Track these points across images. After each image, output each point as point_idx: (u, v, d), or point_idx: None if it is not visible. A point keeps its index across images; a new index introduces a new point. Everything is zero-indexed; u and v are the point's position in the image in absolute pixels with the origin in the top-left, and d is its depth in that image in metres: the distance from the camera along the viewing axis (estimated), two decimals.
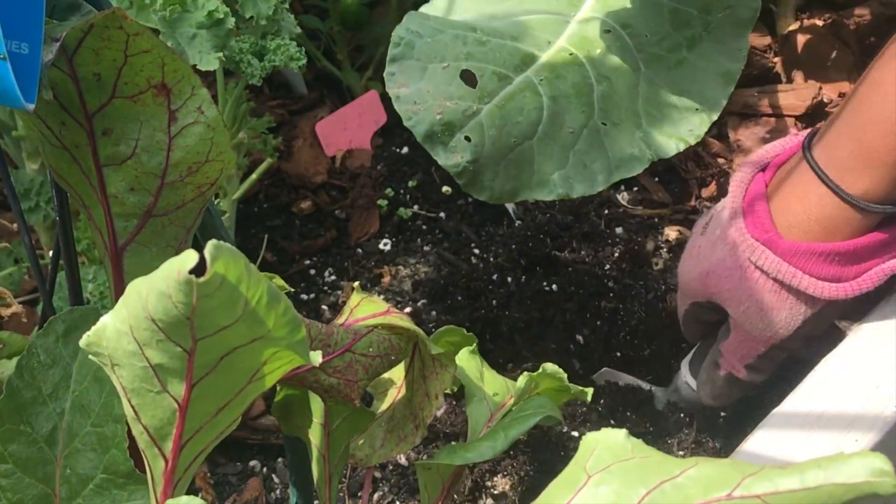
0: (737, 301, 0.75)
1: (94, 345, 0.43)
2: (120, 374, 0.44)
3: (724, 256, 0.75)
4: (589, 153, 0.75)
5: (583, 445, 0.44)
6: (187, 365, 0.42)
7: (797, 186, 0.71)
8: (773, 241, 0.71)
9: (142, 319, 0.40)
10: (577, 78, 0.76)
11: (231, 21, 0.81)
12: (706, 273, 0.77)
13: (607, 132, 0.76)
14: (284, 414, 0.68)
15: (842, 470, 0.37)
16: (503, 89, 0.74)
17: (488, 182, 0.72)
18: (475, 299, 1.02)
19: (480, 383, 0.74)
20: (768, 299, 0.73)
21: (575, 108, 0.75)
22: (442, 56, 0.75)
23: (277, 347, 0.42)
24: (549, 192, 0.74)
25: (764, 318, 0.74)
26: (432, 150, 0.71)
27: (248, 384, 0.45)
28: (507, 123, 0.73)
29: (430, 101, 0.72)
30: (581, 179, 0.74)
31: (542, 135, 0.74)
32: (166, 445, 0.46)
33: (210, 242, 0.36)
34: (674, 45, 0.81)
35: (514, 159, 0.73)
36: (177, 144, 0.51)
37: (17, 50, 0.44)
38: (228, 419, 0.47)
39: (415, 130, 0.71)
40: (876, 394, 0.74)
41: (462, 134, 0.71)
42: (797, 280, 0.71)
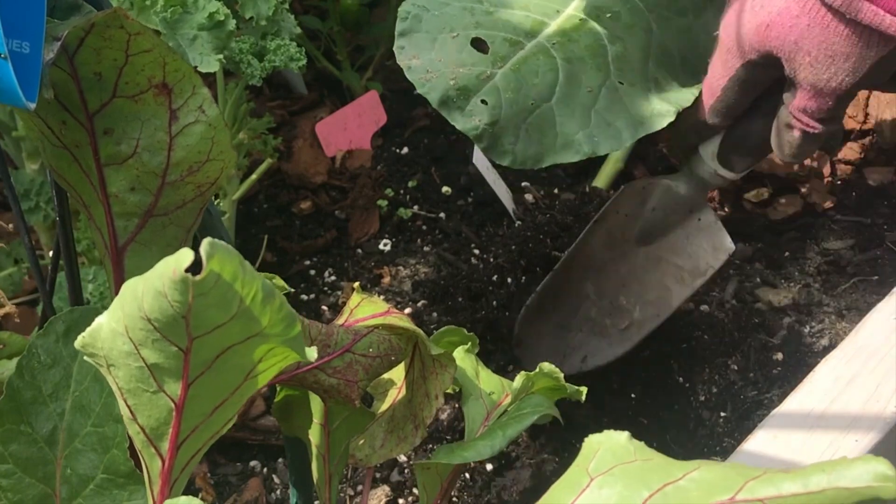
0: (804, 51, 0.71)
1: (89, 346, 0.43)
2: (116, 375, 0.44)
3: (789, 5, 0.71)
4: (611, 110, 0.74)
5: (585, 447, 0.44)
6: (183, 364, 0.42)
7: None
8: None
9: (137, 319, 0.40)
10: (589, 40, 0.76)
11: (232, 23, 0.81)
12: (766, 25, 0.72)
13: (626, 91, 0.75)
14: (284, 414, 0.68)
15: (845, 474, 0.37)
16: (516, 54, 0.74)
17: (509, 145, 0.72)
18: (475, 300, 1.02)
19: (476, 382, 0.73)
20: (839, 44, 0.70)
21: (591, 68, 0.75)
22: (451, 27, 0.74)
23: (272, 344, 0.42)
24: (576, 152, 0.73)
25: (832, 66, 0.71)
26: (449, 115, 0.71)
27: (244, 382, 0.45)
28: (523, 86, 0.72)
29: (442, 69, 0.72)
30: (607, 136, 0.74)
31: (560, 96, 0.73)
32: (163, 445, 0.46)
33: (205, 240, 0.36)
34: (682, 9, 0.80)
35: (535, 122, 0.72)
36: (178, 144, 0.51)
37: (18, 49, 0.44)
38: (224, 418, 0.47)
39: (429, 97, 0.71)
40: (876, 394, 0.74)
41: (478, 98, 0.71)
42: (878, 19, 0.67)
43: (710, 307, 1.01)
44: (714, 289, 1.03)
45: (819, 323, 0.99)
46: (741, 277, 1.04)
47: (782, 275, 1.05)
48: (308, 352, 0.43)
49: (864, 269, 1.03)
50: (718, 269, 0.88)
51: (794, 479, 0.38)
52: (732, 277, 1.04)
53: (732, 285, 1.03)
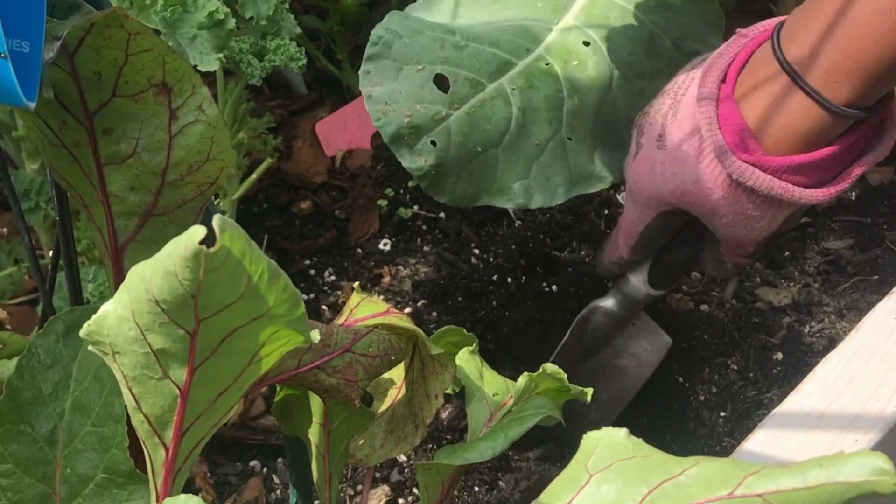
0: (720, 216, 0.74)
1: (94, 333, 0.43)
2: (121, 363, 0.44)
3: (703, 175, 0.72)
4: (552, 166, 0.76)
5: (584, 444, 0.44)
6: (189, 348, 0.42)
7: (777, 99, 0.69)
8: (761, 161, 0.70)
9: (145, 302, 0.40)
10: (549, 90, 0.77)
11: (232, 22, 0.81)
12: (681, 191, 0.74)
13: (572, 147, 0.76)
14: (284, 414, 0.68)
15: (843, 469, 0.37)
16: (475, 96, 0.74)
17: (450, 186, 0.73)
18: (475, 300, 1.02)
19: (480, 383, 0.74)
20: (752, 210, 0.72)
21: (543, 121, 0.76)
22: (418, 58, 0.75)
23: (277, 326, 0.42)
24: (509, 199, 0.75)
25: (746, 227, 0.74)
26: (397, 153, 0.72)
27: (248, 367, 0.45)
28: (474, 130, 0.73)
29: (401, 103, 0.73)
30: (542, 191, 0.75)
31: (507, 144, 0.74)
32: (167, 434, 0.46)
33: (216, 216, 0.36)
34: (640, 72, 0.81)
35: (478, 165, 0.74)
36: (177, 143, 0.51)
37: (18, 48, 0.44)
38: (228, 404, 0.47)
39: (383, 132, 0.72)
40: (876, 394, 0.74)
41: (429, 138, 0.72)
42: (789, 193, 0.70)
43: (710, 307, 1.01)
44: (714, 289, 1.03)
45: (819, 323, 0.99)
46: (741, 277, 1.04)
47: (782, 275, 1.05)
48: (312, 334, 0.43)
49: (864, 269, 1.03)
50: None
51: (793, 474, 0.38)
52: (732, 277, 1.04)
53: (732, 285, 1.03)
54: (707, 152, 0.71)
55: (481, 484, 0.89)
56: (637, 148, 0.78)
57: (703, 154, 0.71)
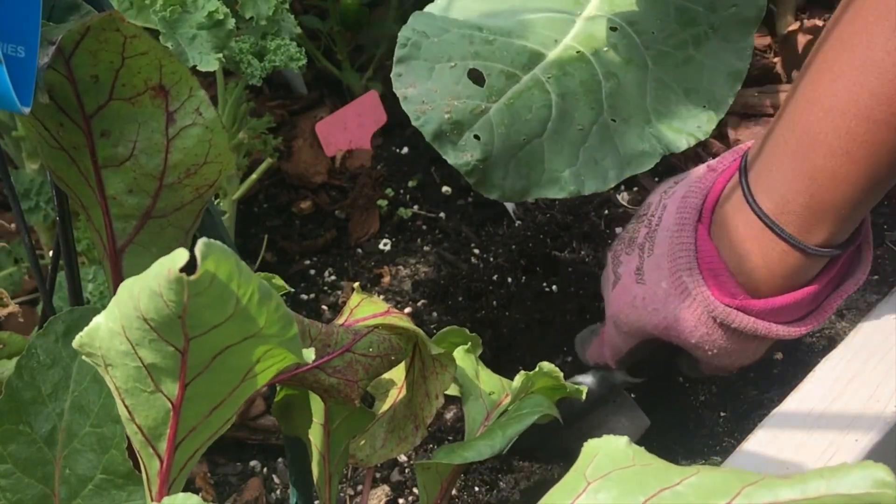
0: (703, 349, 0.75)
1: (86, 345, 0.43)
2: (113, 375, 0.44)
3: (684, 316, 0.73)
4: (599, 149, 0.74)
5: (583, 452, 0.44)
6: (180, 364, 0.42)
7: (754, 244, 0.70)
8: (745, 305, 0.71)
9: (134, 319, 0.40)
10: (585, 75, 0.76)
11: (231, 22, 0.81)
12: (663, 326, 0.75)
13: (617, 128, 0.75)
14: (284, 414, 0.68)
15: (844, 481, 0.37)
16: (511, 87, 0.74)
17: (498, 181, 0.72)
18: (475, 300, 1.02)
19: (477, 382, 0.74)
20: (736, 345, 0.74)
21: (584, 105, 0.75)
22: (449, 55, 0.74)
23: (270, 345, 0.42)
24: (561, 189, 0.73)
25: (730, 357, 0.76)
26: (441, 150, 0.71)
27: (241, 383, 0.45)
28: (516, 121, 0.72)
29: (438, 101, 0.72)
30: (592, 176, 0.74)
31: (551, 132, 0.73)
32: (161, 445, 0.46)
33: (200, 241, 0.36)
34: (680, 43, 0.80)
35: (524, 157, 0.72)
36: (175, 146, 0.51)
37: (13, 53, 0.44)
38: (222, 419, 0.47)
39: (424, 130, 0.71)
40: (876, 393, 0.74)
41: (471, 132, 0.71)
42: (772, 331, 0.72)
43: None
44: None
45: None
46: None
47: None
48: (305, 353, 0.43)
49: None
50: None
51: (792, 484, 0.38)
52: None
53: None
54: (686, 294, 0.72)
55: (481, 484, 0.89)
56: (615, 278, 0.79)
57: (685, 295, 0.73)
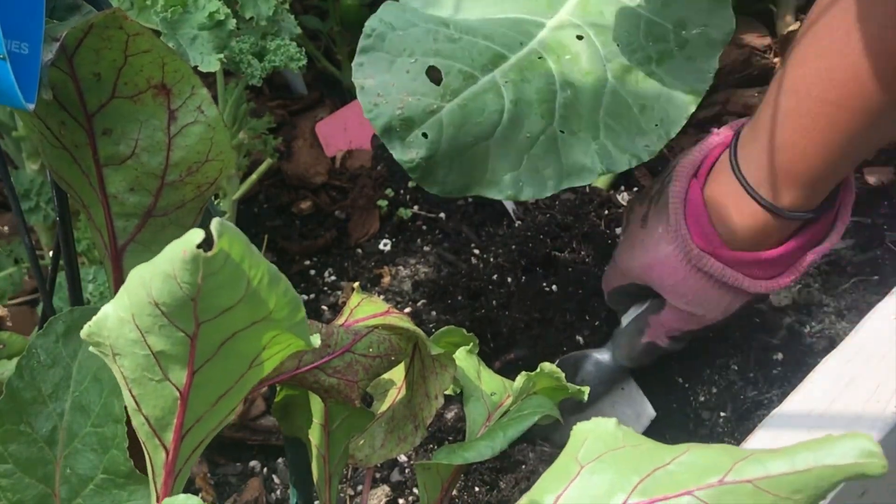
0: (679, 294, 0.82)
1: (94, 335, 0.43)
2: (121, 364, 0.44)
3: (669, 255, 0.81)
4: (543, 159, 0.75)
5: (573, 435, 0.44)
6: (189, 351, 0.42)
7: (732, 201, 0.78)
8: (718, 253, 0.79)
9: (145, 305, 0.40)
10: (542, 83, 0.77)
11: (232, 22, 0.81)
12: (649, 265, 0.83)
13: (564, 140, 0.76)
14: (284, 414, 0.68)
15: (831, 452, 0.37)
16: (467, 88, 0.74)
17: (440, 177, 0.73)
18: (475, 299, 1.02)
19: (478, 383, 0.74)
20: (711, 294, 0.81)
21: (535, 114, 0.76)
22: (411, 50, 0.75)
23: (278, 330, 0.42)
24: (499, 191, 0.75)
25: (704, 306, 0.82)
26: (389, 144, 0.72)
27: (248, 370, 0.45)
28: (466, 123, 0.73)
29: (393, 95, 0.72)
30: (531, 183, 0.75)
31: (499, 137, 0.74)
32: (167, 436, 0.46)
33: (215, 220, 0.36)
34: (644, 58, 0.81)
35: (469, 158, 0.74)
36: (177, 144, 0.51)
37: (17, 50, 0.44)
38: (228, 407, 0.47)
39: (374, 123, 0.72)
40: (876, 394, 0.74)
41: (420, 130, 0.72)
42: (740, 282, 0.79)
43: None
44: None
45: (819, 323, 0.99)
46: None
47: None
48: (313, 338, 0.43)
49: (864, 269, 1.03)
50: None
51: (782, 458, 0.38)
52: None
53: None
54: (674, 238, 0.80)
55: (481, 484, 0.89)
56: (625, 223, 0.89)
57: (671, 238, 0.80)
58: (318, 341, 0.43)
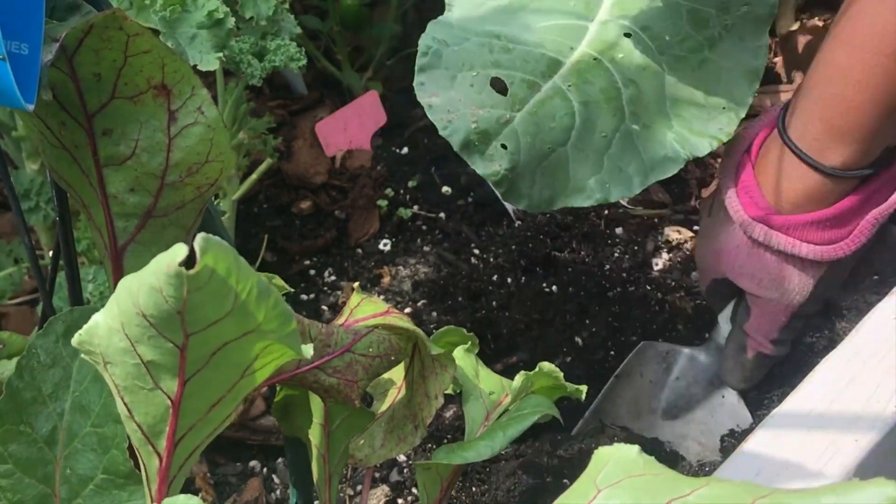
0: (748, 276, 0.81)
1: (86, 343, 0.43)
2: (112, 372, 0.44)
3: (729, 235, 0.80)
4: (623, 157, 0.75)
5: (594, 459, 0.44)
6: (179, 361, 0.42)
7: (781, 165, 0.77)
8: (768, 218, 0.77)
9: (133, 316, 0.40)
10: (604, 83, 0.76)
11: (231, 21, 0.81)
12: (718, 252, 0.82)
13: (640, 135, 0.76)
14: (284, 414, 0.68)
15: (856, 496, 0.36)
16: (533, 96, 0.74)
17: (526, 190, 0.72)
18: (475, 300, 1.02)
19: (476, 382, 0.74)
20: (776, 270, 0.79)
21: (606, 113, 0.75)
22: (470, 64, 0.75)
23: (268, 341, 0.42)
24: (587, 197, 0.74)
25: (778, 288, 0.80)
26: (469, 159, 0.72)
27: (241, 379, 0.45)
28: (540, 130, 0.73)
29: (462, 110, 0.72)
30: (617, 183, 0.75)
31: (575, 140, 0.74)
32: (160, 443, 0.46)
33: (199, 235, 0.36)
34: (695, 46, 0.81)
35: (549, 166, 0.73)
36: (177, 145, 0.51)
37: (16, 50, 0.44)
38: (222, 415, 0.47)
39: (451, 140, 0.71)
40: (876, 394, 0.74)
41: (498, 142, 0.72)
42: (797, 249, 0.77)
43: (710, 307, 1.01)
44: None
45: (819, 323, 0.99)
46: None
47: None
48: (304, 349, 0.43)
49: None
50: None
51: (804, 499, 0.37)
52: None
53: None
54: (732, 215, 0.79)
55: (479, 484, 0.89)
56: (701, 220, 0.88)
57: (729, 218, 0.79)
58: (311, 352, 0.43)
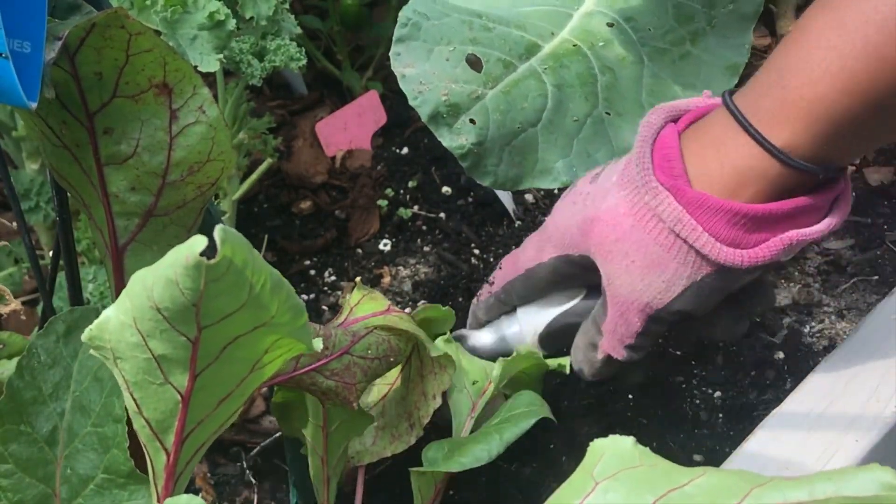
0: (621, 253, 0.68)
1: (96, 338, 0.43)
2: (122, 368, 0.44)
3: (618, 202, 0.68)
4: (593, 142, 0.75)
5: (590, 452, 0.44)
6: (191, 355, 0.42)
7: (715, 135, 0.66)
8: (679, 189, 0.65)
9: (146, 309, 0.40)
10: (580, 68, 0.77)
11: (232, 22, 0.81)
12: (591, 220, 0.70)
13: (612, 122, 0.76)
14: (283, 414, 0.68)
15: (851, 483, 0.37)
16: (508, 76, 0.75)
17: (492, 167, 0.73)
18: None
19: (461, 373, 0.74)
20: (656, 253, 0.67)
21: (580, 97, 0.76)
22: (448, 39, 0.75)
23: (279, 335, 0.42)
24: (553, 179, 0.75)
25: (645, 277, 0.68)
26: (437, 131, 0.72)
27: (250, 374, 0.45)
28: (511, 109, 0.73)
29: (435, 83, 0.73)
30: (585, 168, 0.75)
31: (546, 122, 0.74)
32: (168, 438, 0.46)
33: (218, 226, 0.36)
34: (678, 39, 0.81)
35: (518, 146, 0.74)
36: (178, 144, 0.51)
37: (19, 48, 0.44)
38: (230, 410, 0.47)
39: (420, 110, 0.72)
40: (876, 394, 0.74)
41: (467, 116, 0.72)
42: (695, 235, 0.65)
43: None
44: None
45: (819, 323, 0.99)
46: None
47: (782, 275, 1.05)
48: (315, 342, 0.44)
49: (864, 269, 1.03)
50: None
51: (800, 486, 0.38)
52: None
53: None
54: (631, 181, 0.68)
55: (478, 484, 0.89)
56: (571, 186, 0.75)
57: (628, 182, 0.68)
58: (321, 345, 0.43)
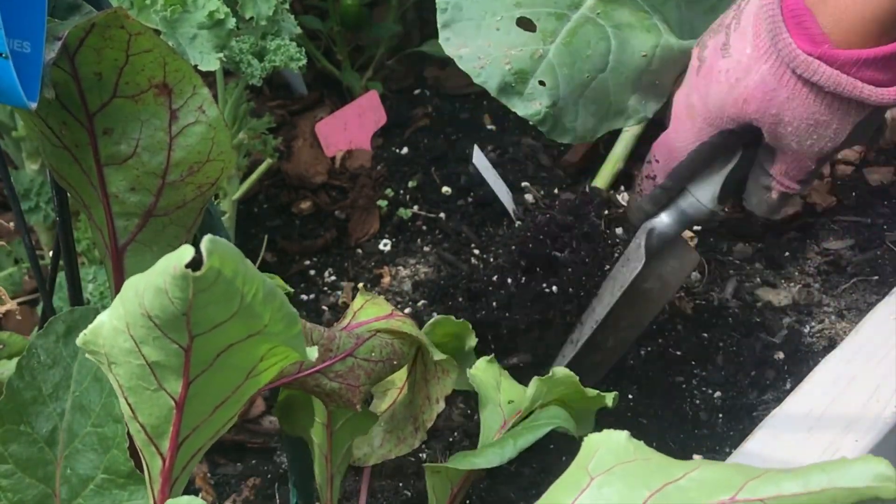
0: (785, 122, 0.71)
1: (90, 343, 0.43)
2: (117, 373, 0.44)
3: (765, 78, 0.70)
4: (661, 72, 0.74)
5: (584, 446, 0.44)
6: (184, 362, 0.42)
7: None
8: (828, 55, 0.67)
9: (138, 316, 0.40)
10: (631, 6, 0.75)
11: (232, 22, 0.81)
12: (743, 99, 0.72)
13: (681, 46, 0.75)
14: (287, 414, 0.68)
15: (845, 474, 0.37)
16: (564, 27, 0.73)
17: (570, 124, 0.71)
18: (475, 300, 1.02)
19: (496, 392, 0.73)
20: (820, 113, 0.70)
21: (641, 31, 0.74)
22: (493, 10, 0.73)
23: (273, 343, 0.42)
24: (627, 118, 0.74)
25: (813, 134, 0.71)
26: (509, 103, 0.70)
27: (245, 381, 0.45)
28: (577, 59, 0.71)
29: (493, 54, 0.71)
30: (655, 98, 0.74)
31: (614, 64, 0.73)
32: (163, 444, 0.46)
33: (206, 237, 0.36)
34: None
35: (591, 95, 0.72)
36: (178, 144, 0.51)
37: (19, 48, 0.44)
38: (226, 417, 0.47)
39: (487, 85, 0.70)
40: (875, 394, 0.74)
41: (535, 79, 0.70)
42: (857, 90, 0.67)
43: (711, 307, 1.01)
44: (714, 289, 1.03)
45: (819, 323, 0.99)
46: (741, 277, 1.04)
47: (782, 275, 1.05)
48: (309, 351, 0.43)
49: (864, 269, 1.03)
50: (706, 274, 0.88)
51: (795, 478, 0.38)
52: (732, 277, 1.04)
53: (732, 285, 1.03)
54: (770, 51, 0.68)
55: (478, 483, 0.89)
56: (699, 62, 0.76)
57: (767, 53, 0.69)
58: (315, 354, 0.43)
